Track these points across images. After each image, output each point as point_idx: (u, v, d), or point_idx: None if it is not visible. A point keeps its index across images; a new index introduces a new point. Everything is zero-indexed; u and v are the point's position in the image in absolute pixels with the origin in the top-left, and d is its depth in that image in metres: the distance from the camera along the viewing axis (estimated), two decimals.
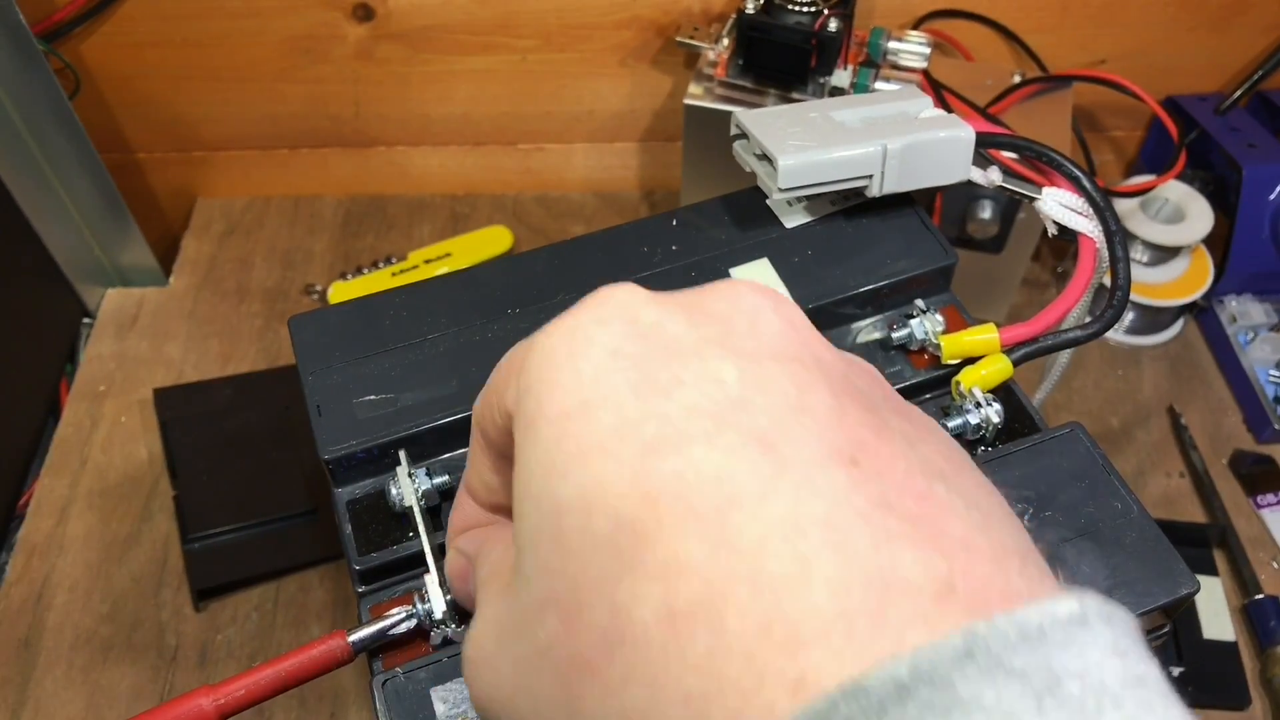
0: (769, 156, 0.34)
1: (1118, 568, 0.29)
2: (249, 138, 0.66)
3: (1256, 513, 0.54)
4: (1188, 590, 0.29)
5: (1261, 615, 0.49)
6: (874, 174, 0.35)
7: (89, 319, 0.63)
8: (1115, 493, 0.31)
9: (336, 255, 0.66)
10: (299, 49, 0.61)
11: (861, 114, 0.37)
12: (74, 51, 0.59)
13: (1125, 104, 0.66)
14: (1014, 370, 0.34)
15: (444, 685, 0.28)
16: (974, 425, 0.33)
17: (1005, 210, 0.54)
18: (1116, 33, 0.62)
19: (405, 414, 0.32)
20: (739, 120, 0.36)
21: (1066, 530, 0.30)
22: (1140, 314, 0.61)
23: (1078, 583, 0.28)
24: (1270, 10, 0.61)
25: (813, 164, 0.34)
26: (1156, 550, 0.30)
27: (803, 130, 0.35)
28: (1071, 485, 0.31)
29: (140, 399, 0.57)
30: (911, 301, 0.37)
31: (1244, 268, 0.60)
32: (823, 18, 0.50)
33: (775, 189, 0.34)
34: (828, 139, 0.35)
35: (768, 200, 0.37)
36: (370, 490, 0.32)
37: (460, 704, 0.27)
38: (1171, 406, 0.58)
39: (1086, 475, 0.31)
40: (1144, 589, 0.29)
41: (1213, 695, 0.47)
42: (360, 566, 0.30)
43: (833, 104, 0.38)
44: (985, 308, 0.61)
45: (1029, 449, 0.32)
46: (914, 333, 0.35)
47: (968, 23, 0.61)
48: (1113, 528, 0.30)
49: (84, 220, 0.59)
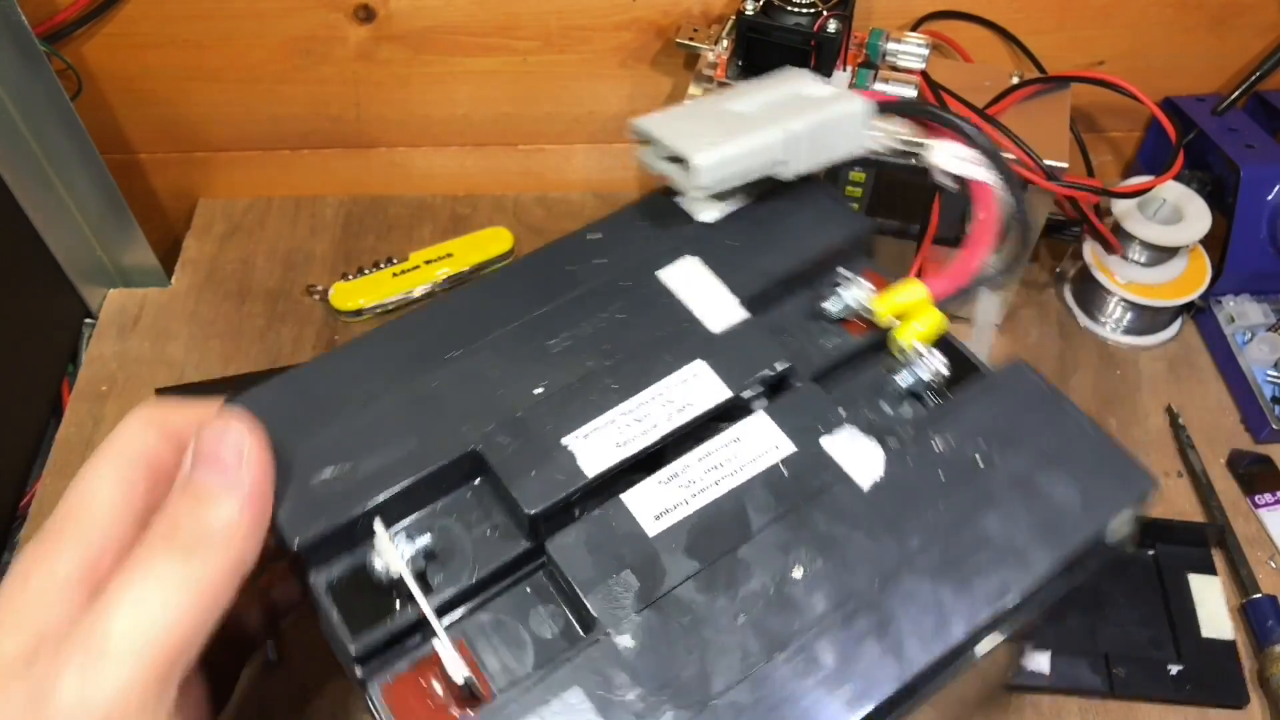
0: (682, 158, 0.34)
1: (1086, 486, 0.30)
2: (251, 139, 0.67)
3: (1254, 512, 0.54)
4: (1146, 487, 0.31)
5: (1259, 614, 0.49)
6: (786, 159, 0.35)
7: (91, 319, 0.63)
8: (1068, 416, 0.32)
9: (338, 256, 0.66)
10: (300, 50, 0.61)
11: (757, 102, 0.37)
12: (76, 52, 0.59)
13: (1123, 105, 0.66)
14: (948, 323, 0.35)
15: None
16: (925, 380, 0.33)
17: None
18: (1115, 34, 0.62)
19: (370, 481, 0.29)
20: (639, 127, 0.36)
21: (1034, 460, 0.31)
22: (1138, 314, 0.61)
23: (1055, 508, 0.30)
24: (1268, 11, 0.62)
25: (727, 158, 0.34)
26: (1114, 460, 0.31)
27: (708, 127, 0.35)
28: (1028, 417, 0.32)
29: (142, 399, 0.57)
30: (834, 272, 0.36)
31: (1242, 268, 0.60)
32: (821, 19, 0.50)
33: (692, 188, 0.34)
34: (734, 131, 0.35)
35: (677, 200, 0.37)
36: (346, 567, 0.29)
37: None
38: (1170, 406, 0.58)
39: (1039, 406, 0.32)
40: (1111, 498, 0.30)
41: (1210, 693, 0.47)
42: (357, 650, 0.28)
43: (726, 97, 0.38)
44: (985, 307, 0.61)
45: (981, 393, 0.33)
46: (845, 302, 0.35)
47: (966, 24, 0.61)
48: (1074, 450, 0.31)
49: (86, 221, 0.60)
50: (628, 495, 0.29)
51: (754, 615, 0.27)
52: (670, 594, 0.28)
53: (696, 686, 0.26)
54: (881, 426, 0.33)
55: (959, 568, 0.28)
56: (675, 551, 0.28)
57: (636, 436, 0.30)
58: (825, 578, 0.28)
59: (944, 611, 0.28)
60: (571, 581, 0.28)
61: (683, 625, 0.27)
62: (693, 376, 0.32)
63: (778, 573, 0.28)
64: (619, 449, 0.30)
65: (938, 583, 0.28)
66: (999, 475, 0.30)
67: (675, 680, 0.26)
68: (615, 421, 0.30)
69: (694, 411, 0.31)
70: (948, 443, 0.31)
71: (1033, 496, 0.30)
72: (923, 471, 0.30)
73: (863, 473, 0.30)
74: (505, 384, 0.31)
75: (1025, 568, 0.28)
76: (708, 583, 0.28)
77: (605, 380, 0.31)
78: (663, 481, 0.30)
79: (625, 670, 0.27)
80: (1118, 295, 0.60)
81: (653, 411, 0.31)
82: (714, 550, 0.28)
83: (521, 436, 0.30)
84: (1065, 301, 0.63)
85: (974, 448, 0.31)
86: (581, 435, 0.30)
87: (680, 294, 0.34)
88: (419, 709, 0.27)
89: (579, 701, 0.26)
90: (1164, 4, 0.61)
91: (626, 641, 0.27)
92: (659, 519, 0.29)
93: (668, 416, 0.31)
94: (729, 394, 0.31)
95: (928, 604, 0.28)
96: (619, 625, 0.27)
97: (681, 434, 0.31)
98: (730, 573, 0.28)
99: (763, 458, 0.30)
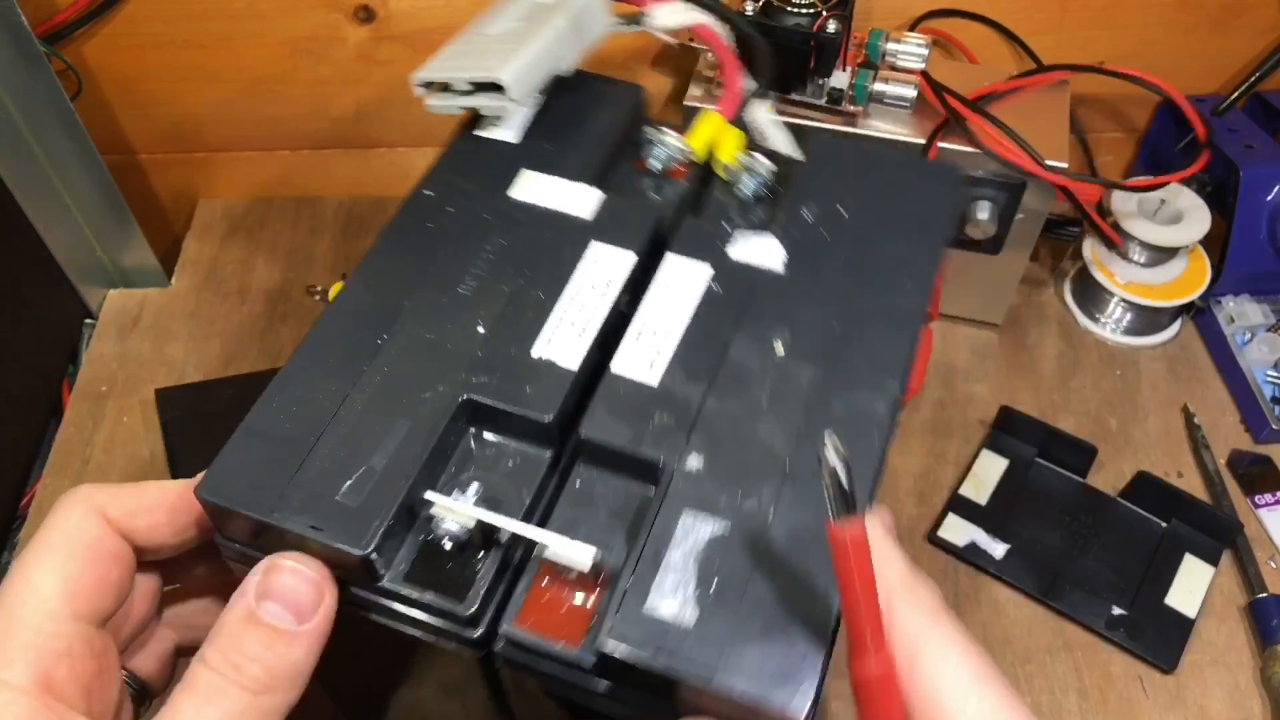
0: (489, 81, 0.37)
1: (922, 192, 0.37)
2: (251, 139, 0.67)
3: (1254, 512, 0.54)
4: (958, 173, 0.39)
5: (1264, 613, 0.49)
6: (563, 53, 0.39)
7: (91, 320, 0.63)
8: (880, 155, 0.39)
9: (338, 256, 0.66)
10: (300, 50, 0.61)
11: (509, 20, 0.40)
12: (76, 53, 0.59)
13: (1123, 106, 0.66)
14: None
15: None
16: (763, 178, 0.37)
17: (1004, 211, 0.55)
18: (1115, 34, 0.62)
19: (392, 469, 0.29)
20: (427, 78, 0.38)
21: (879, 193, 0.37)
22: (1138, 314, 0.61)
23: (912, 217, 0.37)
24: (1268, 12, 0.62)
25: (526, 66, 0.37)
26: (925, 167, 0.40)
27: (491, 50, 0.38)
28: (853, 168, 0.38)
29: (142, 399, 0.57)
30: (640, 135, 0.39)
31: (1241, 268, 0.60)
32: (821, 19, 0.50)
33: (508, 101, 0.37)
34: (515, 44, 0.38)
35: (479, 134, 0.39)
36: (404, 561, 0.29)
37: None
38: (1185, 406, 0.58)
39: (854, 156, 0.38)
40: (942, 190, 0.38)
41: (1140, 644, 0.49)
42: (470, 610, 0.28)
43: (480, 25, 0.41)
44: (985, 308, 0.61)
45: (810, 167, 0.38)
46: (667, 153, 0.38)
47: (966, 22, 0.61)
48: (900, 174, 0.38)
49: (86, 221, 0.60)
50: (615, 365, 0.32)
51: (772, 392, 0.31)
52: (701, 413, 0.31)
53: (769, 464, 0.30)
54: (760, 225, 0.37)
55: (878, 283, 0.34)
56: (682, 383, 0.32)
57: (589, 322, 0.33)
58: (800, 341, 0.33)
59: (893, 311, 0.34)
60: (619, 448, 0.30)
61: (727, 428, 0.30)
62: (599, 257, 0.35)
63: (765, 356, 0.32)
64: (581, 338, 0.32)
65: (876, 296, 0.34)
66: (864, 215, 0.36)
67: (750, 469, 0.30)
68: (562, 319, 0.33)
69: (619, 283, 0.34)
70: (813, 210, 0.36)
71: (895, 218, 0.36)
72: (812, 238, 0.36)
73: (772, 260, 0.35)
74: (449, 338, 0.33)
75: (918, 264, 0.35)
76: (722, 391, 0.31)
77: (531, 294, 0.34)
78: (634, 341, 0.33)
79: (709, 482, 0.29)
80: (1118, 295, 0.60)
81: (586, 299, 0.34)
82: (709, 367, 0.32)
83: (497, 368, 0.32)
84: (1065, 301, 0.63)
85: (833, 204, 0.37)
86: (545, 342, 0.32)
87: (538, 201, 0.37)
88: (557, 620, 0.28)
89: (693, 517, 0.29)
90: (1164, 4, 0.61)
91: (694, 463, 0.30)
92: (651, 368, 0.32)
93: (600, 295, 0.34)
94: (635, 257, 0.35)
95: (878, 311, 0.34)
96: (680, 456, 0.30)
97: (621, 303, 0.34)
98: (733, 375, 0.32)
99: (694, 287, 0.34)
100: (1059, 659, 0.49)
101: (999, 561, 0.52)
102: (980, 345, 0.61)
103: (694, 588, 0.27)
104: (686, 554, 0.28)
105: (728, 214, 0.37)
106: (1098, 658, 0.49)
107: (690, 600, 0.27)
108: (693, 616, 0.27)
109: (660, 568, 0.28)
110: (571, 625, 0.28)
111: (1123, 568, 0.51)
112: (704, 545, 0.28)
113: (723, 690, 0.26)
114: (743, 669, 0.26)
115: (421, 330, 0.33)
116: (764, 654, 0.26)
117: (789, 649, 0.26)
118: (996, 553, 0.52)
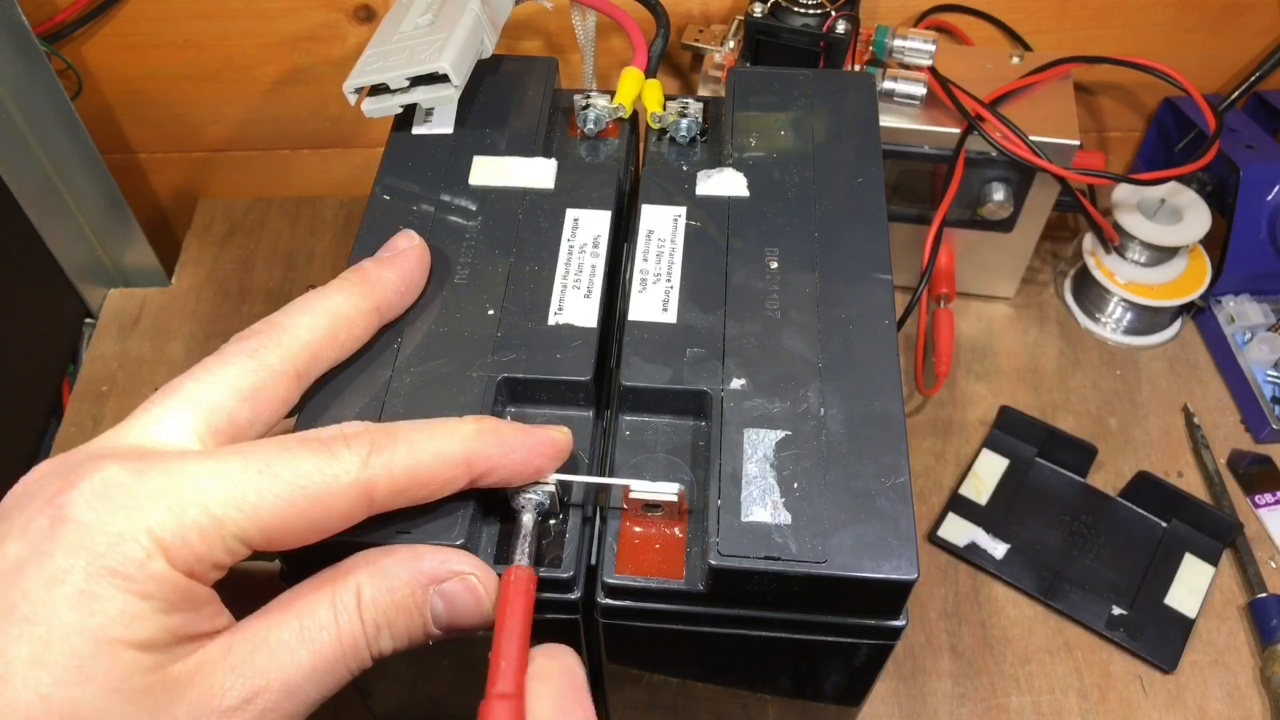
0: (428, 73, 0.38)
1: (846, 107, 0.40)
2: (251, 138, 0.66)
3: (1254, 512, 0.54)
4: (870, 80, 0.42)
5: (1264, 613, 0.50)
6: (485, 36, 0.41)
7: (91, 319, 0.63)
8: (792, 78, 0.41)
9: (338, 256, 0.66)
10: (300, 50, 0.61)
11: (419, 12, 0.41)
12: (76, 52, 0.59)
13: (1123, 105, 0.66)
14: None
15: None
16: (696, 120, 0.39)
17: (1017, 191, 0.55)
18: (1115, 33, 0.62)
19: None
20: (360, 83, 0.39)
21: (803, 110, 0.39)
22: (1138, 314, 0.61)
23: (848, 125, 0.39)
24: (1268, 12, 0.62)
25: (461, 52, 0.38)
26: (841, 79, 0.42)
27: (419, 43, 0.39)
28: (772, 93, 0.40)
29: (142, 399, 0.57)
30: (573, 102, 0.41)
31: (1242, 268, 0.60)
32: (830, 19, 0.50)
33: (452, 89, 0.38)
34: (442, 33, 0.39)
35: (414, 132, 0.40)
36: (492, 537, 0.30)
37: None
38: (1185, 406, 0.58)
39: (771, 83, 0.41)
40: (862, 105, 0.40)
41: (1140, 644, 0.49)
42: (570, 572, 0.29)
43: (394, 22, 0.42)
44: (998, 285, 0.62)
45: (736, 100, 0.40)
46: (597, 114, 0.40)
47: (968, 18, 0.61)
48: (821, 92, 0.40)
49: (86, 221, 0.59)
50: (632, 314, 0.33)
51: (782, 302, 0.33)
52: (726, 339, 0.32)
53: (803, 367, 0.32)
54: (707, 164, 0.38)
55: (838, 188, 0.37)
56: (699, 315, 0.33)
57: (591, 282, 0.34)
58: (789, 251, 0.35)
59: (861, 211, 0.36)
60: (662, 388, 0.31)
61: (755, 345, 0.32)
62: (578, 220, 0.36)
63: (764, 272, 0.34)
64: (589, 299, 0.34)
65: (841, 200, 0.36)
66: (801, 132, 0.39)
67: (788, 376, 0.31)
68: (565, 285, 0.34)
69: (605, 240, 0.36)
70: (758, 137, 0.39)
71: (833, 130, 0.39)
72: (764, 162, 0.38)
73: (738, 188, 0.37)
74: (461, 327, 0.33)
75: (867, 165, 0.38)
76: (738, 313, 0.33)
77: (526, 269, 0.35)
78: (641, 289, 0.34)
79: (757, 396, 0.31)
80: (1118, 295, 0.60)
81: (581, 261, 0.35)
82: (718, 294, 0.34)
83: (520, 343, 0.32)
84: (1065, 301, 0.63)
85: (771, 128, 0.39)
86: (556, 310, 0.33)
87: (500, 182, 0.37)
88: (654, 559, 0.29)
89: (754, 431, 0.30)
90: (1164, 4, 0.61)
91: (737, 384, 0.31)
92: (666, 310, 0.33)
93: (594, 255, 0.35)
94: (611, 213, 0.36)
95: (848, 213, 0.36)
96: (723, 380, 0.31)
97: (613, 259, 0.36)
98: (743, 296, 0.34)
99: (676, 228, 0.36)
100: (1059, 659, 0.49)
101: (999, 561, 0.52)
102: (982, 344, 0.61)
103: (778, 492, 0.29)
104: (761, 464, 0.30)
105: (674, 158, 0.39)
106: (1097, 657, 0.49)
107: (779, 504, 0.29)
108: (787, 517, 0.28)
109: (743, 482, 0.29)
110: (668, 562, 0.29)
111: (1123, 567, 0.51)
112: (773, 453, 0.30)
113: (839, 573, 0.27)
114: (849, 549, 0.28)
115: (434, 326, 0.33)
116: (863, 532, 0.28)
117: (882, 521, 0.28)
118: (996, 553, 0.52)
